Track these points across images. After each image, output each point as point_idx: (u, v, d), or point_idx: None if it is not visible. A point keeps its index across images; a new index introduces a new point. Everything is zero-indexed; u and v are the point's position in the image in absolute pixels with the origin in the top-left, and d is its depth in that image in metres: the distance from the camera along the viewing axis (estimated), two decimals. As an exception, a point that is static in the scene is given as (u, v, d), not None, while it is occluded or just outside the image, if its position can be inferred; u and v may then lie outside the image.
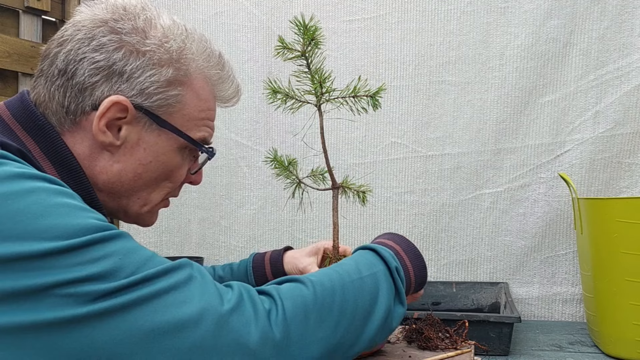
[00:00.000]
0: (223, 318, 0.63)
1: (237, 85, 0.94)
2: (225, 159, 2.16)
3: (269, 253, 1.22)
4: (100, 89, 0.76)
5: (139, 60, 0.77)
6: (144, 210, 0.87)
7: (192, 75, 0.83)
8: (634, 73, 1.77)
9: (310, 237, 2.06)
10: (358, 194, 1.18)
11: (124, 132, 0.78)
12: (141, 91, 0.77)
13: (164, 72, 0.79)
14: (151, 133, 0.80)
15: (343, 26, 2.01)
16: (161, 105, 0.80)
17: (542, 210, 1.86)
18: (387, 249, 0.87)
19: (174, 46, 0.80)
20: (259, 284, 1.17)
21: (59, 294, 0.56)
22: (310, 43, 1.07)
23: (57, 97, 0.77)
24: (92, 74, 0.76)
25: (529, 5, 1.85)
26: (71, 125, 0.78)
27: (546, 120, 1.86)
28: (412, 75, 1.97)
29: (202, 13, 2.17)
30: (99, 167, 0.79)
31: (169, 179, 0.86)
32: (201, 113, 0.85)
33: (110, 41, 0.76)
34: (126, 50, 0.77)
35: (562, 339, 1.60)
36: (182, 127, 0.83)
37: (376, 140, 2.01)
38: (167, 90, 0.80)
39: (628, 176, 1.80)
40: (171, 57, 0.80)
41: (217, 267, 1.22)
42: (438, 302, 1.86)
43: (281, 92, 1.13)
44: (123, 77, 0.76)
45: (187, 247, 2.21)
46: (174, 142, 0.83)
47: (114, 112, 0.76)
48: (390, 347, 1.11)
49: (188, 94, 0.82)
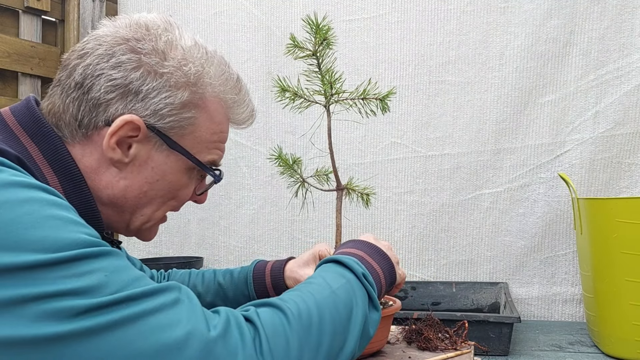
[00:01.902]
0: (209, 345, 0.61)
1: (252, 109, 0.94)
2: (225, 159, 2.14)
3: (270, 264, 1.21)
4: (114, 106, 0.77)
5: (156, 82, 0.78)
6: (146, 226, 0.86)
7: (208, 98, 0.83)
8: (634, 73, 1.77)
9: (310, 238, 2.06)
10: (362, 196, 1.18)
11: (134, 150, 0.79)
12: (155, 112, 0.78)
13: (179, 94, 0.79)
14: (161, 153, 0.81)
15: (343, 26, 2.01)
16: (173, 127, 0.80)
17: (542, 211, 1.86)
18: (350, 257, 0.86)
19: (192, 70, 0.80)
20: (258, 295, 1.17)
21: (41, 308, 0.55)
22: (322, 43, 1.06)
23: (71, 109, 0.77)
24: (108, 90, 0.76)
25: (528, 5, 1.85)
26: (82, 139, 0.78)
27: (546, 120, 1.86)
28: (412, 75, 1.97)
29: (202, 13, 2.17)
30: (105, 182, 0.79)
31: (174, 198, 0.87)
32: (213, 136, 0.86)
33: (129, 60, 0.77)
34: (144, 70, 0.77)
35: (562, 339, 1.60)
36: (193, 149, 0.83)
37: (376, 140, 2.01)
38: (181, 113, 0.80)
39: (628, 176, 1.79)
40: (188, 81, 0.80)
41: (217, 272, 1.21)
42: (438, 302, 1.86)
43: (290, 91, 1.13)
44: (138, 97, 0.77)
45: (187, 247, 2.21)
46: (182, 164, 0.83)
47: (126, 130, 0.77)
48: (390, 348, 1.11)
49: (202, 117, 0.83)
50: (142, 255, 2.20)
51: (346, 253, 0.89)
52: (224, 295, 1.17)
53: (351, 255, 0.88)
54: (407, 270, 1.98)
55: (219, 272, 1.22)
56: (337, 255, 0.86)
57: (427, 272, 1.96)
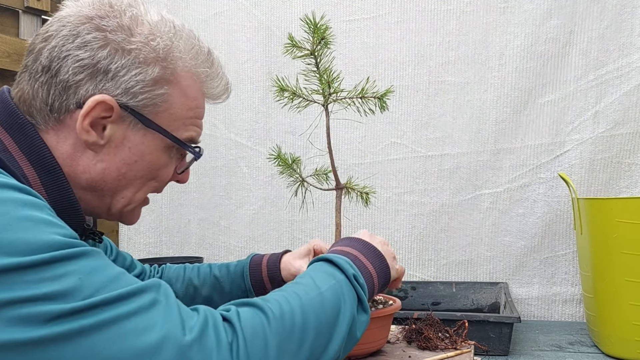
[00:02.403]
0: (183, 349, 0.60)
1: (227, 82, 0.92)
2: (225, 159, 2.16)
3: (266, 257, 1.21)
4: (84, 88, 0.75)
5: (124, 59, 0.75)
6: (127, 209, 0.85)
7: (180, 73, 0.81)
8: (634, 73, 1.77)
9: (310, 237, 2.06)
10: (361, 195, 1.18)
11: (109, 131, 0.77)
12: (126, 90, 0.76)
13: (149, 70, 0.77)
14: (137, 132, 0.79)
15: (343, 26, 2.01)
16: (147, 105, 0.78)
17: (541, 211, 1.86)
18: (343, 257, 0.84)
19: (160, 44, 0.78)
20: (255, 288, 1.17)
21: (14, 312, 0.54)
22: (320, 42, 1.06)
23: (41, 94, 0.76)
24: (76, 72, 0.74)
25: (528, 5, 1.85)
26: (55, 123, 0.76)
27: (546, 120, 1.86)
28: (412, 75, 1.97)
29: (202, 13, 2.17)
30: (82, 166, 0.77)
31: (155, 179, 0.85)
32: (189, 112, 0.83)
33: (95, 39, 0.75)
34: (111, 48, 0.75)
35: (562, 339, 1.60)
36: (169, 126, 0.81)
37: (376, 140, 2.01)
38: (153, 90, 0.78)
39: (628, 176, 1.79)
40: (157, 56, 0.78)
41: (213, 266, 1.22)
42: (438, 302, 1.86)
43: (288, 91, 1.13)
44: (108, 76, 0.75)
45: (187, 247, 2.21)
46: (160, 142, 0.81)
47: (98, 111, 0.75)
48: (390, 347, 1.11)
49: (175, 93, 0.80)
50: (143, 255, 2.20)
51: (340, 252, 0.88)
52: (221, 288, 1.17)
53: (344, 255, 0.86)
54: (407, 270, 1.97)
55: (215, 265, 1.22)
56: (330, 255, 0.85)
57: (427, 272, 1.96)
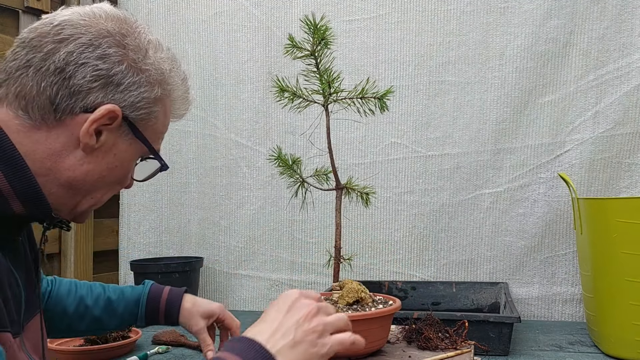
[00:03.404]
0: None
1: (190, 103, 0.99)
2: (225, 159, 2.16)
3: (166, 291, 1.22)
4: (94, 95, 0.80)
5: (137, 77, 0.83)
6: (90, 209, 0.90)
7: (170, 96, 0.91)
8: (634, 73, 1.77)
9: (310, 237, 2.06)
10: (362, 195, 1.18)
11: (104, 137, 0.83)
12: (132, 104, 0.83)
13: (155, 90, 0.86)
14: (125, 141, 0.86)
15: (343, 26, 2.01)
16: (143, 119, 0.86)
17: (542, 211, 1.86)
18: None
19: (166, 69, 0.88)
20: (148, 317, 1.20)
21: None
22: (320, 43, 1.07)
23: (48, 92, 0.79)
24: (92, 79, 0.80)
25: (528, 5, 1.85)
26: (53, 122, 0.80)
27: (546, 120, 1.86)
28: (412, 75, 1.97)
29: (202, 13, 2.17)
30: (67, 164, 0.82)
31: (121, 183, 0.92)
32: (163, 128, 0.92)
33: (115, 53, 0.81)
34: (128, 64, 0.82)
35: (562, 339, 1.60)
36: (150, 139, 0.89)
37: (376, 140, 2.01)
38: (152, 107, 0.86)
39: (628, 176, 1.80)
40: (163, 79, 0.87)
41: (107, 288, 1.22)
42: (438, 302, 1.86)
43: (288, 91, 1.13)
44: (119, 88, 0.82)
45: (187, 247, 2.21)
46: (139, 151, 0.89)
47: (105, 118, 0.81)
48: (390, 347, 1.11)
49: (161, 111, 0.89)
50: (143, 256, 2.21)
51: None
52: (112, 310, 1.20)
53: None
54: (407, 270, 1.98)
55: (109, 287, 1.23)
56: None
57: (427, 272, 1.97)
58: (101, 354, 1.46)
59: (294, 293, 0.82)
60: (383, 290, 1.87)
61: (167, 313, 1.20)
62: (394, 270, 1.99)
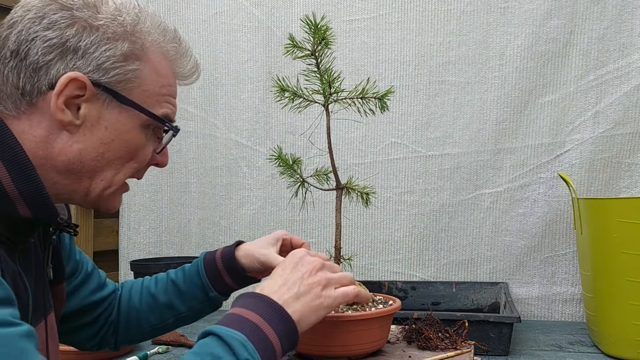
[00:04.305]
0: None
1: (196, 61, 0.91)
2: (225, 159, 2.16)
3: (220, 250, 1.16)
4: (55, 67, 0.75)
5: (93, 35, 0.76)
6: (107, 192, 0.83)
7: (149, 49, 0.81)
8: (634, 73, 1.77)
9: (310, 237, 2.06)
10: (362, 195, 1.18)
11: (84, 111, 0.77)
12: (98, 67, 0.76)
13: (119, 46, 0.77)
14: (112, 110, 0.79)
15: (343, 26, 2.01)
16: (120, 81, 0.78)
17: (542, 210, 1.86)
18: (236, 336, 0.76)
19: (127, 20, 0.79)
20: (213, 282, 1.11)
21: None
22: (321, 42, 1.07)
23: (11, 79, 0.75)
24: (45, 52, 0.74)
25: (528, 5, 1.85)
26: (27, 108, 0.76)
27: (546, 120, 1.86)
28: (412, 75, 1.97)
29: (202, 13, 2.17)
30: (58, 149, 0.77)
31: (133, 159, 0.84)
32: (162, 89, 0.83)
33: (61, 18, 0.75)
34: (79, 26, 0.75)
35: (562, 339, 1.60)
36: (143, 103, 0.81)
37: (376, 140, 2.01)
38: (125, 65, 0.78)
39: (628, 176, 1.80)
40: (125, 31, 0.78)
41: (170, 272, 1.17)
42: (438, 302, 1.86)
43: (289, 91, 1.13)
44: (78, 54, 0.75)
45: (187, 247, 2.21)
46: (136, 119, 0.81)
47: (71, 89, 0.75)
48: (390, 347, 1.11)
49: (146, 69, 0.81)
50: (143, 255, 2.21)
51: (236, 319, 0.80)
52: (177, 290, 1.13)
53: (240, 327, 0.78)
54: (407, 270, 1.98)
55: (172, 271, 1.18)
56: (222, 330, 0.77)
57: (427, 272, 1.97)
58: (101, 354, 1.46)
59: (300, 251, 0.92)
60: (383, 290, 1.87)
61: (228, 266, 1.11)
62: (394, 270, 1.99)
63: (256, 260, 1.10)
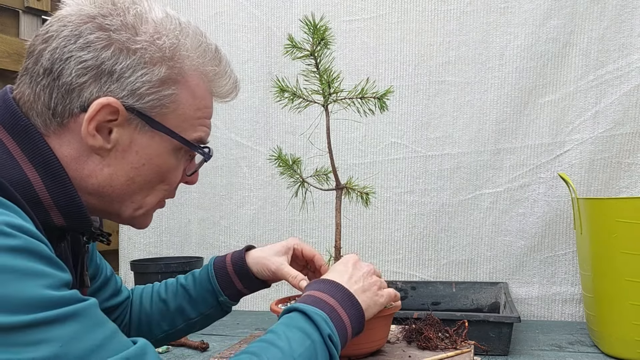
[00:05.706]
0: None
1: (235, 80, 0.87)
2: (225, 159, 2.16)
3: (229, 255, 1.15)
4: (88, 90, 0.71)
5: (130, 59, 0.72)
6: (138, 213, 0.82)
7: (187, 72, 0.78)
8: (634, 73, 1.77)
9: (310, 238, 2.06)
10: (361, 195, 1.18)
11: (115, 135, 0.73)
12: (132, 92, 0.72)
13: (156, 70, 0.74)
14: (144, 135, 0.75)
15: (343, 26, 2.01)
16: (154, 106, 0.75)
17: (541, 210, 1.86)
18: (319, 313, 0.82)
19: (166, 43, 0.75)
20: (223, 287, 1.11)
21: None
22: (320, 43, 1.07)
23: (42, 97, 0.72)
24: (79, 73, 0.71)
25: (528, 5, 1.85)
26: (57, 128, 0.73)
27: (546, 120, 1.86)
28: (412, 75, 1.97)
29: (202, 13, 2.17)
30: (88, 170, 0.74)
31: (164, 182, 0.81)
32: (197, 112, 0.80)
33: (98, 39, 0.71)
34: (115, 48, 0.72)
35: (562, 339, 1.60)
36: (177, 127, 0.78)
37: (376, 140, 2.01)
38: (160, 90, 0.74)
39: (628, 176, 1.80)
40: (164, 55, 0.74)
41: (180, 277, 1.16)
42: (438, 302, 1.87)
43: (288, 91, 1.13)
44: (113, 77, 0.72)
45: (187, 247, 2.21)
46: (168, 144, 0.78)
47: (104, 114, 0.72)
48: (390, 347, 1.11)
49: (183, 93, 0.77)
50: (143, 255, 2.21)
51: (316, 300, 0.86)
52: (188, 295, 1.12)
53: (320, 305, 0.85)
54: (407, 270, 1.98)
55: (182, 276, 1.17)
56: (306, 307, 0.82)
57: (427, 272, 1.97)
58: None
59: (354, 256, 1.00)
60: (383, 290, 1.87)
61: (238, 272, 1.10)
62: (394, 270, 1.99)
63: (267, 268, 1.09)
